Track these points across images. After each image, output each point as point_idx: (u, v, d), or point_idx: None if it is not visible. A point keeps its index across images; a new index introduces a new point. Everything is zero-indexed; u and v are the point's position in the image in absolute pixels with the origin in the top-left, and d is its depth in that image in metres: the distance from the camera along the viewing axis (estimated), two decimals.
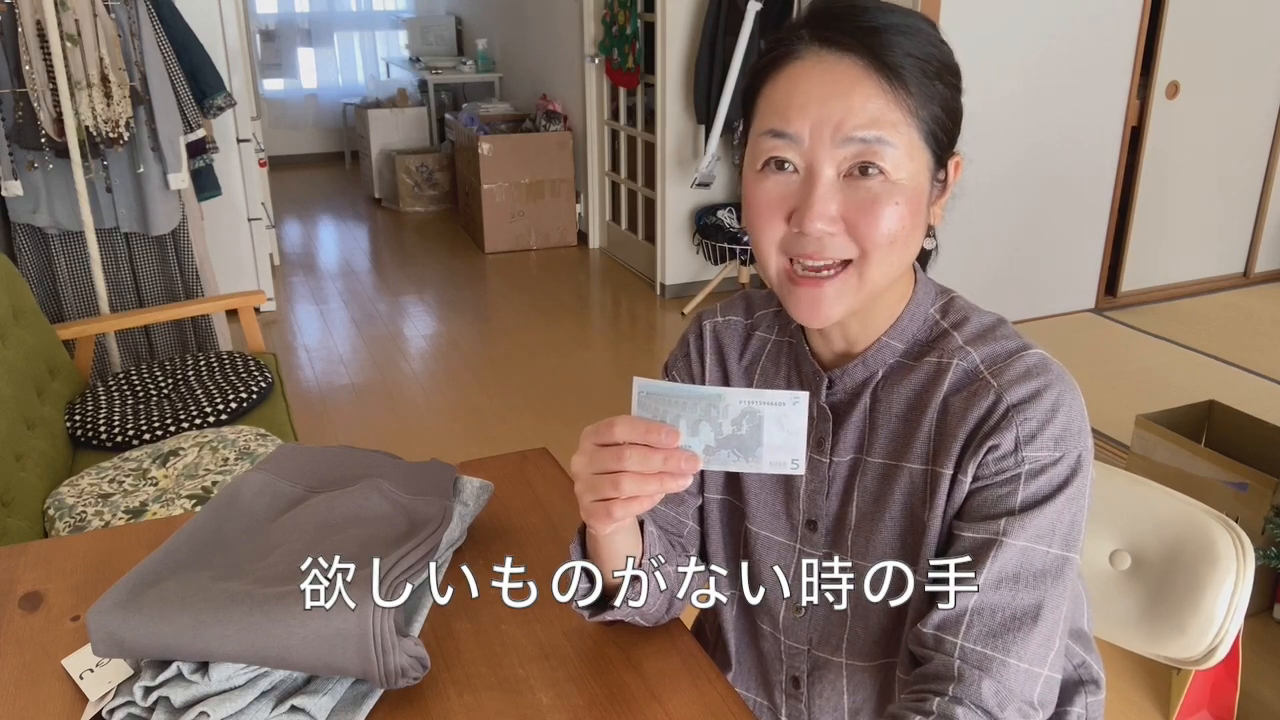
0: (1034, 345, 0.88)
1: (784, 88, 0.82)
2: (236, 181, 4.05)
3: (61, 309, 2.97)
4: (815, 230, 0.81)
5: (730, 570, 1.04)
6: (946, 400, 0.87)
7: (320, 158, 7.99)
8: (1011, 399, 0.83)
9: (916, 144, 0.81)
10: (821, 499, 0.94)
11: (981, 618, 0.81)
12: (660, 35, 4.33)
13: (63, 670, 0.95)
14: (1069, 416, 0.83)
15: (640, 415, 0.76)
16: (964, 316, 0.91)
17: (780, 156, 0.82)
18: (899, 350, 0.91)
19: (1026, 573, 0.82)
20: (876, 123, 0.79)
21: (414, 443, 3.24)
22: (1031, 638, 0.81)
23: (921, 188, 0.83)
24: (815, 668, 0.98)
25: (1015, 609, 0.81)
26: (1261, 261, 4.74)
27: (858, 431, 0.92)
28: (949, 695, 0.80)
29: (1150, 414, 2.47)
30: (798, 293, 0.84)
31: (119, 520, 1.80)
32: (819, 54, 0.81)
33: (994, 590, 0.82)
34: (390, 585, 0.89)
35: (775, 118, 0.82)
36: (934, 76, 0.81)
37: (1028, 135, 3.93)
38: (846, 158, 0.80)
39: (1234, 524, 1.04)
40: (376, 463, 1.17)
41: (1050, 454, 0.82)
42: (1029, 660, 0.81)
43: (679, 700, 0.91)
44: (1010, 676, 0.80)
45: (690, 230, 4.60)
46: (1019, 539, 0.82)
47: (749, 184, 0.85)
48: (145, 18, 2.79)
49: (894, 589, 0.90)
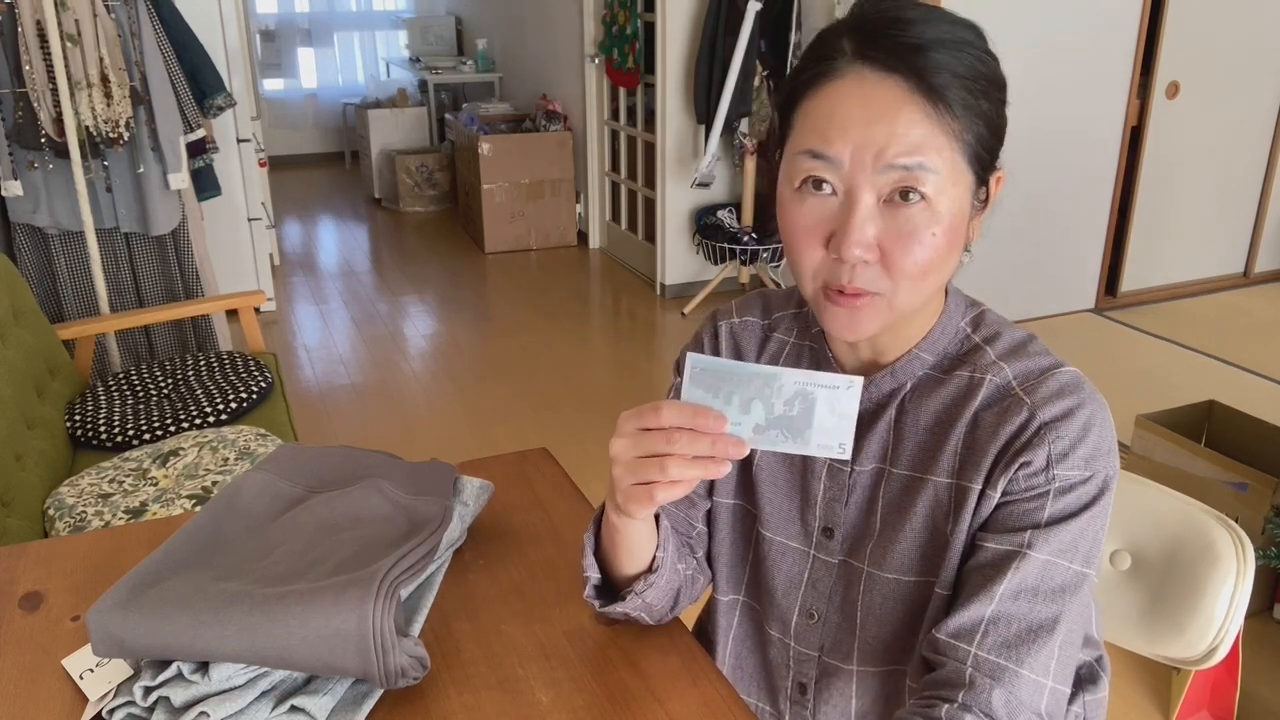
0: (1067, 363, 0.87)
1: (824, 107, 0.79)
2: (236, 181, 4.05)
3: (61, 309, 2.97)
4: (852, 256, 0.79)
5: (736, 575, 1.03)
6: (977, 415, 0.86)
7: (320, 158, 7.99)
8: (1044, 417, 0.83)
9: (960, 168, 0.80)
10: (840, 507, 0.93)
11: (998, 627, 0.81)
12: (660, 35, 4.33)
13: (63, 670, 0.95)
14: (1100, 437, 0.83)
15: (692, 391, 0.76)
16: (996, 331, 0.90)
17: (819, 177, 0.80)
18: (929, 363, 0.90)
19: (1046, 586, 0.81)
20: (919, 149, 0.77)
21: (414, 443, 3.24)
22: (1045, 650, 0.80)
23: (961, 213, 0.81)
24: (824, 674, 0.98)
25: (1032, 621, 0.81)
26: (1261, 261, 4.74)
27: (882, 442, 0.91)
28: (958, 703, 0.79)
29: (1150, 414, 2.47)
30: (834, 310, 0.83)
31: (119, 520, 1.80)
32: (861, 73, 0.78)
33: (1013, 601, 0.81)
34: (390, 585, 0.89)
35: (815, 138, 0.79)
36: (980, 95, 0.79)
37: (1028, 135, 3.92)
38: (888, 184, 0.78)
39: (1234, 524, 1.04)
40: (377, 463, 1.17)
41: (1081, 473, 0.82)
42: (1040, 672, 0.80)
43: (679, 700, 0.90)
44: (1022, 687, 0.80)
45: (690, 230, 4.60)
46: (1042, 552, 0.81)
47: (786, 202, 0.83)
48: (145, 18, 2.79)
49: (913, 599, 0.91)
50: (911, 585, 0.90)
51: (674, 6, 4.27)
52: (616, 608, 0.93)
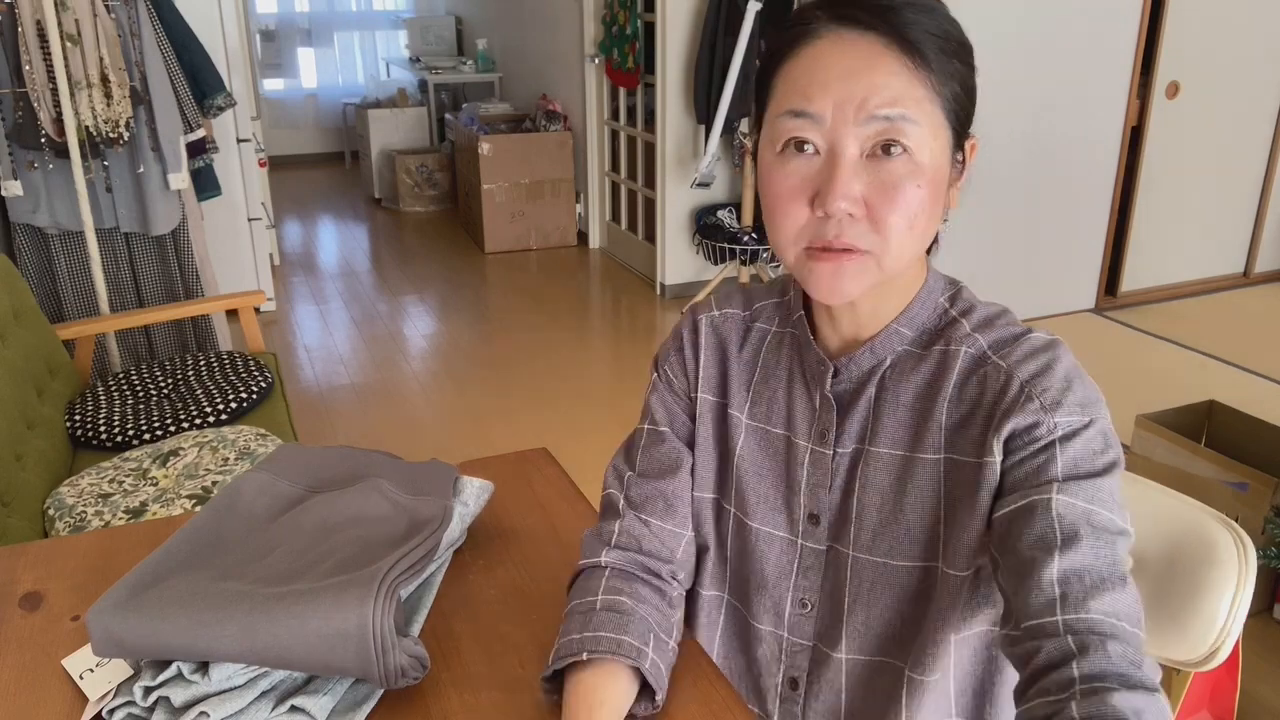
0: (1039, 330, 0.88)
1: (804, 66, 0.81)
2: (236, 181, 4.05)
3: (61, 309, 2.97)
4: (838, 210, 0.79)
5: (718, 573, 1.02)
6: (958, 387, 0.86)
7: (320, 158, 7.99)
8: (1023, 375, 0.83)
9: (939, 122, 0.81)
10: (824, 492, 0.93)
11: (1070, 585, 0.75)
12: (660, 35, 4.33)
13: (63, 670, 0.95)
14: (1085, 387, 0.82)
15: None
16: (971, 305, 0.91)
17: (801, 137, 0.80)
18: (908, 338, 0.90)
19: (1094, 530, 0.77)
20: (900, 100, 0.78)
21: (414, 443, 3.24)
22: (1124, 594, 0.75)
23: (943, 168, 0.82)
24: (816, 665, 0.96)
25: (1100, 567, 0.76)
26: (1261, 261, 4.74)
27: (862, 422, 0.91)
28: (1083, 682, 0.70)
29: (1150, 414, 2.47)
30: (818, 268, 0.82)
31: (119, 520, 1.80)
32: (838, 32, 0.80)
33: (1072, 554, 0.76)
34: (390, 585, 0.89)
35: (796, 97, 0.80)
36: (952, 54, 0.81)
37: (1028, 135, 3.93)
38: (870, 136, 0.79)
39: (1234, 524, 1.04)
40: (377, 463, 1.17)
41: (1079, 418, 0.80)
42: (1126, 605, 0.75)
43: (679, 700, 0.90)
44: (1123, 630, 0.73)
45: (690, 230, 4.60)
46: (1078, 499, 0.77)
47: (767, 168, 0.83)
48: (145, 18, 2.79)
49: (904, 584, 0.90)
50: (903, 570, 0.89)
51: (674, 6, 4.27)
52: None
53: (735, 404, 0.98)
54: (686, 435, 1.01)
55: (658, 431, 1.01)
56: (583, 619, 0.90)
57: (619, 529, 0.97)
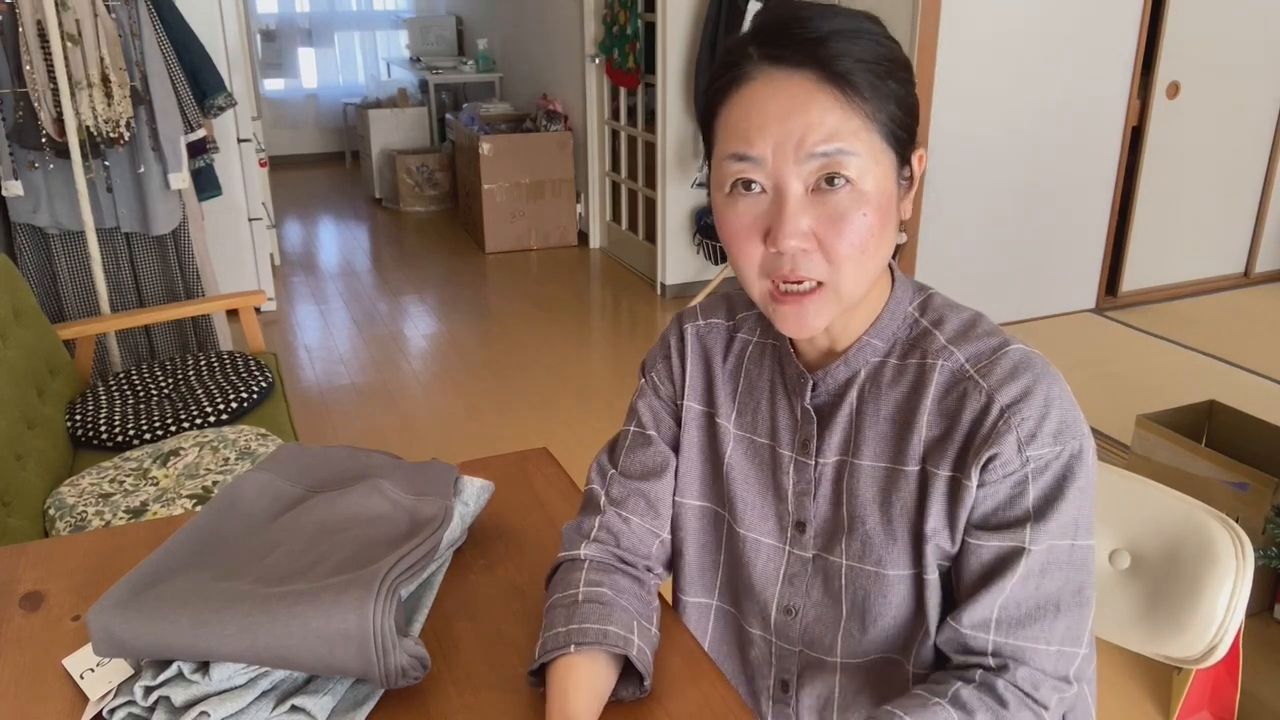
0: (1013, 340, 0.89)
1: (741, 110, 0.82)
2: (237, 181, 4.05)
3: (62, 309, 2.97)
4: (789, 248, 0.82)
5: (708, 579, 1.03)
6: (936, 400, 0.88)
7: (320, 158, 7.99)
8: (1004, 400, 0.84)
9: (878, 147, 0.82)
10: (809, 500, 0.95)
11: (1008, 612, 0.84)
12: (660, 35, 4.33)
13: (63, 670, 0.95)
14: (1063, 409, 0.85)
15: None
16: (942, 315, 0.92)
17: (746, 178, 0.83)
18: (880, 349, 0.92)
19: (1050, 567, 0.84)
20: (836, 134, 0.79)
21: (414, 443, 3.24)
22: (1059, 621, 0.84)
23: (889, 191, 0.84)
24: (806, 669, 0.97)
25: (1041, 598, 0.84)
26: (1261, 261, 4.74)
27: (844, 433, 0.93)
28: (976, 681, 0.84)
29: (1150, 414, 2.47)
30: (782, 310, 0.86)
31: (119, 520, 1.80)
32: (769, 73, 0.81)
33: (1021, 586, 0.84)
34: (391, 585, 0.89)
35: (736, 140, 0.83)
36: (885, 76, 0.81)
37: (1028, 135, 3.92)
38: (812, 171, 0.81)
39: (1234, 524, 1.04)
40: (377, 463, 1.17)
41: (1052, 449, 0.84)
42: (1059, 642, 0.84)
43: (679, 700, 0.91)
44: (1042, 660, 0.84)
45: (690, 230, 4.60)
46: (1041, 543, 0.84)
47: (720, 208, 0.86)
48: (145, 18, 2.79)
49: (900, 591, 0.91)
50: (895, 578, 0.90)
51: (674, 6, 4.27)
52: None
53: (722, 413, 1.00)
54: (672, 440, 1.03)
55: (644, 434, 1.03)
56: (566, 612, 0.92)
57: (599, 524, 1.00)
